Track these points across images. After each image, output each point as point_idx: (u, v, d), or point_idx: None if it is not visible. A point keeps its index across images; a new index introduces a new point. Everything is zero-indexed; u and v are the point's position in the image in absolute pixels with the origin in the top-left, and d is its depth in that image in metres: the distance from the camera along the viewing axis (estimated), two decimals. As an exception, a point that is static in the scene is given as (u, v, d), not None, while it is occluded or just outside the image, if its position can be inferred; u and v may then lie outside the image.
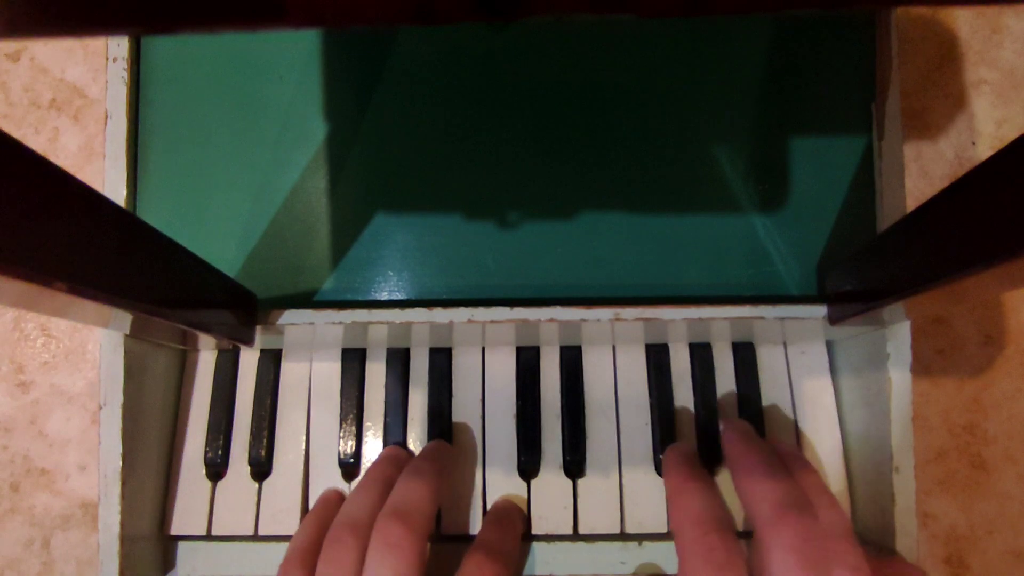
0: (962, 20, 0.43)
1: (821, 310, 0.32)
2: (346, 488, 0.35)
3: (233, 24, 0.13)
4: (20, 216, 0.17)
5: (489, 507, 0.34)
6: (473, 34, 0.35)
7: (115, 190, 0.34)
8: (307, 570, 0.29)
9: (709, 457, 0.34)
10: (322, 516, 0.32)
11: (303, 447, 0.35)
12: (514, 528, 0.32)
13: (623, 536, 0.33)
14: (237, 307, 0.32)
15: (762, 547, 0.26)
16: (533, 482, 0.34)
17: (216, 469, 0.35)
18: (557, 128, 0.34)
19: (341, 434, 0.35)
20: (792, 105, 0.35)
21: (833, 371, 0.35)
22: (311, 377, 0.36)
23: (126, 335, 0.31)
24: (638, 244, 0.34)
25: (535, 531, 0.33)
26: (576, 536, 0.33)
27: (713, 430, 0.34)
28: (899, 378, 0.31)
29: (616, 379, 0.35)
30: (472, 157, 0.34)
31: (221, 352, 0.36)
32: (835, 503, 0.28)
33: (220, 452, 0.35)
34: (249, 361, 0.36)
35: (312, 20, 0.13)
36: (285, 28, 0.13)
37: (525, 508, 0.34)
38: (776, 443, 0.33)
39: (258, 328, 0.32)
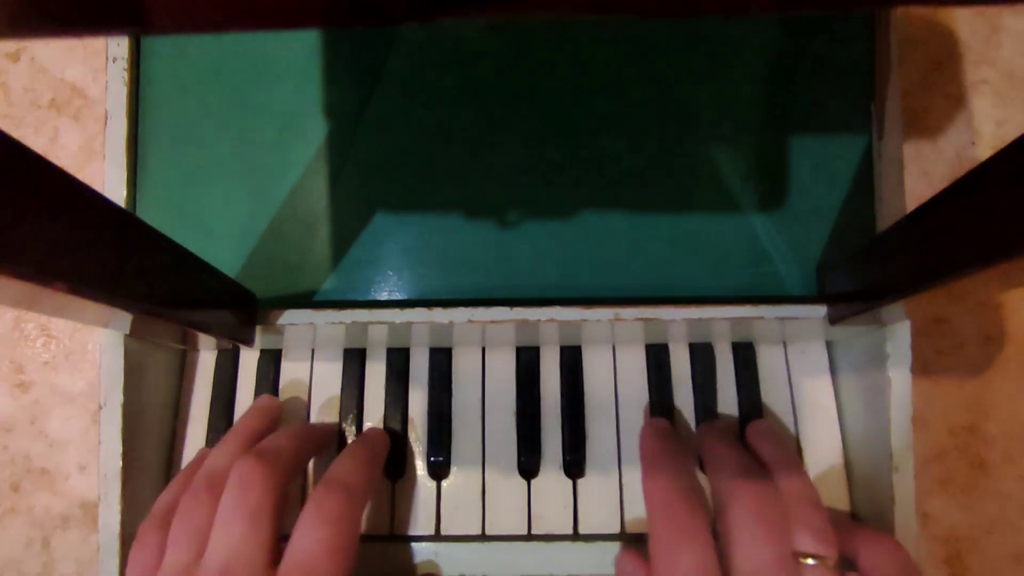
0: (962, 20, 0.43)
1: (821, 310, 0.32)
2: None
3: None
4: (20, 216, 0.17)
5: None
6: (473, 34, 0.35)
7: (115, 190, 0.34)
8: (165, 530, 0.28)
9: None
10: (189, 475, 0.31)
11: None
12: (368, 461, 0.31)
13: (623, 536, 0.33)
14: (237, 307, 0.32)
15: (723, 515, 0.26)
16: (533, 482, 0.34)
17: (216, 469, 0.35)
18: (557, 128, 0.34)
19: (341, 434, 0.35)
20: (792, 105, 0.35)
21: (833, 371, 0.35)
22: (311, 377, 0.36)
23: (126, 335, 0.31)
24: (638, 244, 0.34)
25: (535, 531, 0.33)
26: (576, 536, 0.33)
27: (713, 430, 0.34)
28: (899, 378, 0.31)
29: (616, 379, 0.35)
30: (472, 157, 0.34)
31: (221, 352, 0.36)
32: (800, 471, 0.28)
33: (220, 452, 0.35)
34: (249, 361, 0.36)
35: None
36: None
37: (526, 508, 0.34)
38: (750, 424, 0.34)
39: (258, 328, 0.32)
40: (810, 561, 0.25)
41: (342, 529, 0.27)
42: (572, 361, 0.35)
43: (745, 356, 0.35)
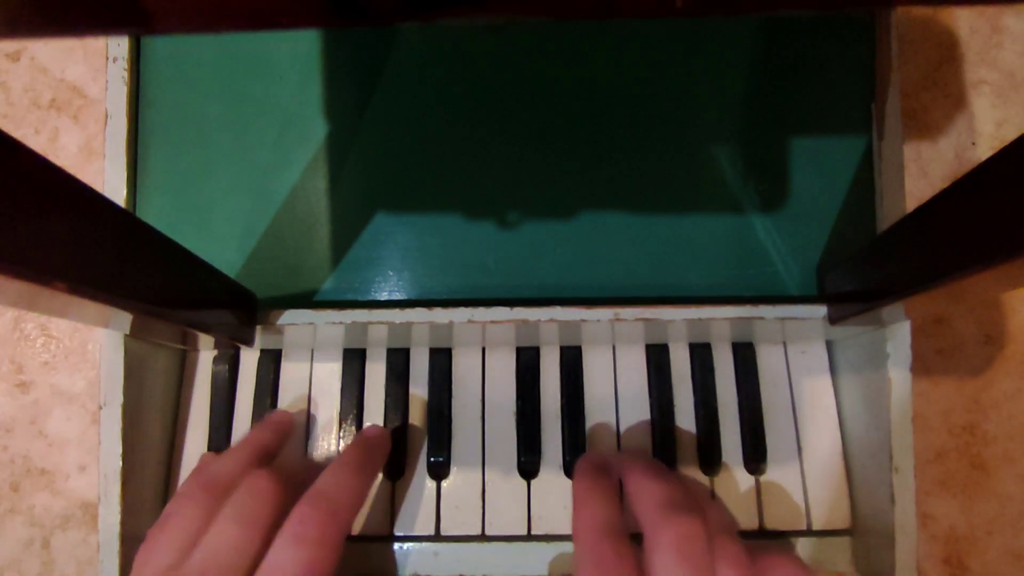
0: (962, 20, 0.43)
1: (821, 310, 0.32)
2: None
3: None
4: (20, 216, 0.17)
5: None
6: (473, 34, 0.35)
7: (115, 190, 0.34)
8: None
9: (707, 459, 0.34)
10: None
11: (303, 447, 0.35)
12: (361, 472, 0.30)
13: (623, 536, 0.33)
14: (237, 307, 0.32)
15: (647, 551, 0.26)
16: (533, 482, 0.34)
17: (216, 469, 0.35)
18: (557, 128, 0.34)
19: (341, 434, 0.35)
20: (792, 105, 0.35)
21: (833, 371, 0.35)
22: (311, 377, 0.36)
23: (126, 335, 0.31)
24: (638, 244, 0.34)
25: (535, 531, 0.33)
26: (576, 536, 0.33)
27: (713, 430, 0.34)
28: (899, 378, 0.31)
29: (616, 379, 0.35)
30: (472, 157, 0.34)
31: (221, 352, 0.36)
32: (717, 503, 0.28)
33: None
34: (249, 361, 0.36)
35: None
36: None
37: (526, 508, 0.34)
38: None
39: (258, 328, 0.32)
40: None
41: (322, 552, 0.25)
42: (572, 361, 0.35)
43: (745, 356, 0.35)
